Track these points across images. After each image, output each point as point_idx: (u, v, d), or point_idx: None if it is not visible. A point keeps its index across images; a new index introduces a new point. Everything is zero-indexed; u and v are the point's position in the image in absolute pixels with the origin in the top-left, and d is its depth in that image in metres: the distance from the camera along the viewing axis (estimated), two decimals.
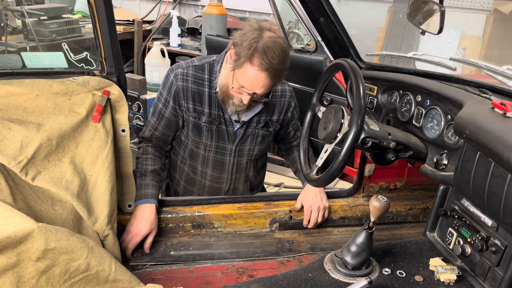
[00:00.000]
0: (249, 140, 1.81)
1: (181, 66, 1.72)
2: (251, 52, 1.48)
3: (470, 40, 3.93)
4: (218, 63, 1.71)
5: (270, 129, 1.84)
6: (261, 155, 1.94)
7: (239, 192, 1.94)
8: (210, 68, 1.72)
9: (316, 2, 1.74)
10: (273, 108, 1.82)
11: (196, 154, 1.83)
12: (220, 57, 1.72)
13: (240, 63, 1.52)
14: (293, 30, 3.81)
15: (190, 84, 1.70)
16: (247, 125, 1.78)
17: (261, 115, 1.80)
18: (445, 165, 1.39)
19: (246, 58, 1.50)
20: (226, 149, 1.80)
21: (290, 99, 1.86)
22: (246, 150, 1.83)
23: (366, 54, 2.33)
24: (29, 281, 1.13)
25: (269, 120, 1.82)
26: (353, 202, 1.88)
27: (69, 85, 1.37)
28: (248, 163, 1.88)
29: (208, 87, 1.71)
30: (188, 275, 1.49)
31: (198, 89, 1.71)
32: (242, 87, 1.56)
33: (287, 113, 1.87)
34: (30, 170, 1.27)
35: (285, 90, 1.85)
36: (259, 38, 1.50)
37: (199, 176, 1.88)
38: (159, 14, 5.01)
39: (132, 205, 1.63)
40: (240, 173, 1.89)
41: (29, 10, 3.45)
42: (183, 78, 1.70)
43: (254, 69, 1.50)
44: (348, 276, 1.29)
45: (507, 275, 1.15)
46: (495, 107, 1.21)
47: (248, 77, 1.53)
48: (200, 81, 1.71)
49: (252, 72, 1.51)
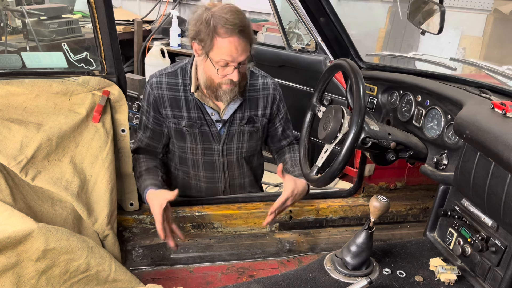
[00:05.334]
0: (235, 138, 1.79)
1: (155, 76, 1.73)
2: (212, 27, 1.50)
3: (470, 40, 3.93)
4: (189, 64, 1.71)
5: (257, 125, 1.81)
6: (252, 152, 1.89)
7: (238, 190, 1.92)
8: (183, 72, 1.72)
9: (316, 2, 1.74)
10: (256, 102, 1.79)
11: (185, 159, 1.81)
12: (190, 59, 1.73)
13: (208, 44, 1.52)
14: (293, 30, 3.81)
15: (165, 91, 1.70)
16: (230, 123, 1.76)
17: (244, 111, 1.77)
18: (445, 165, 1.39)
19: (211, 36, 1.50)
20: (213, 150, 1.78)
21: (274, 92, 1.82)
22: (234, 148, 1.81)
23: (366, 54, 2.33)
24: (29, 281, 1.13)
25: (254, 116, 1.79)
26: (353, 202, 1.88)
27: (69, 85, 1.37)
28: (239, 160, 1.85)
29: (184, 91, 1.71)
30: (188, 275, 1.49)
31: (174, 94, 1.71)
32: (225, 63, 1.55)
33: (273, 106, 1.82)
34: (30, 170, 1.27)
35: (267, 83, 1.81)
36: (210, 13, 1.51)
37: (193, 180, 1.86)
38: (159, 14, 5.00)
39: (134, 203, 1.63)
40: (233, 171, 1.86)
41: (29, 10, 3.44)
42: (158, 86, 1.70)
43: (224, 38, 1.51)
44: (348, 276, 1.29)
45: (507, 275, 1.15)
46: (495, 107, 1.21)
47: (224, 49, 1.52)
48: (174, 86, 1.71)
49: (225, 42, 1.51)
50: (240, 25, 1.51)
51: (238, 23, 1.50)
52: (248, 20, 1.57)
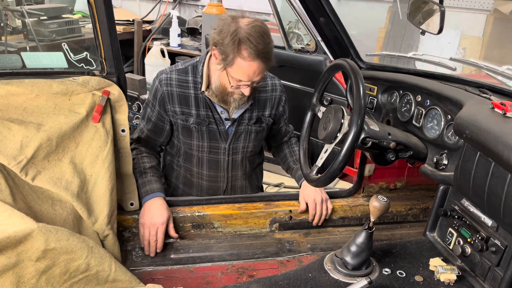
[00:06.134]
0: (242, 137, 1.82)
1: (165, 72, 1.75)
2: (237, 46, 1.50)
3: (470, 40, 3.93)
4: (201, 63, 1.73)
5: (263, 125, 1.85)
6: (256, 152, 1.94)
7: (238, 190, 1.94)
8: (194, 70, 1.73)
9: (316, 2, 1.74)
10: (265, 103, 1.83)
11: (190, 155, 1.83)
12: (202, 57, 1.74)
13: (229, 60, 1.53)
14: (293, 30, 3.81)
15: (175, 88, 1.72)
16: (238, 123, 1.78)
17: (253, 111, 1.80)
18: (445, 165, 1.39)
19: (234, 54, 1.51)
20: (220, 148, 1.80)
21: (281, 93, 1.88)
22: (240, 148, 1.84)
23: (366, 54, 2.34)
24: (29, 281, 1.13)
25: (262, 116, 1.83)
26: (353, 202, 1.88)
27: (69, 85, 1.37)
28: (243, 160, 1.88)
29: (194, 88, 1.72)
30: (188, 275, 1.49)
31: (184, 91, 1.72)
32: (240, 81, 1.57)
33: (279, 107, 1.88)
34: (30, 170, 1.26)
35: (275, 85, 1.86)
36: (238, 29, 1.51)
37: (195, 178, 1.88)
38: (159, 14, 5.01)
39: (134, 203, 1.63)
40: (237, 171, 1.89)
41: (29, 10, 3.45)
42: (167, 83, 1.71)
43: (245, 60, 1.52)
44: (348, 276, 1.29)
45: (507, 275, 1.15)
46: (495, 107, 1.21)
47: (243, 70, 1.54)
48: (184, 83, 1.72)
49: (245, 64, 1.52)
50: (264, 51, 1.52)
51: (262, 49, 1.51)
52: (272, 43, 1.58)
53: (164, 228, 1.57)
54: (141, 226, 1.57)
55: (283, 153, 2.00)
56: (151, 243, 1.56)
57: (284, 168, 2.03)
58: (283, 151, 2.00)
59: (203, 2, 5.03)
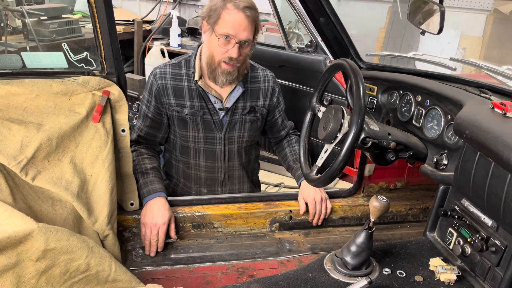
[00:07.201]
0: (237, 127, 1.84)
1: (159, 67, 1.81)
2: (222, 3, 1.58)
3: (470, 40, 3.93)
4: (193, 56, 1.79)
5: (257, 115, 1.87)
6: (252, 142, 1.95)
7: (236, 181, 1.96)
8: (187, 63, 1.79)
9: (316, 2, 1.74)
10: (257, 94, 1.86)
11: (187, 148, 1.86)
12: (194, 52, 1.81)
13: (216, 18, 1.60)
14: (293, 30, 3.81)
15: (169, 81, 1.77)
16: (232, 112, 1.81)
17: (246, 101, 1.83)
18: (445, 165, 1.39)
19: (220, 10, 1.59)
20: (216, 138, 1.83)
21: (273, 84, 1.91)
22: (235, 137, 1.86)
23: (366, 54, 2.33)
24: (29, 281, 1.13)
25: (255, 106, 1.86)
26: (353, 202, 1.88)
27: (69, 85, 1.37)
28: (239, 150, 1.90)
29: (187, 81, 1.77)
30: (188, 275, 1.49)
31: (177, 84, 1.77)
32: (227, 37, 1.61)
33: (272, 98, 1.91)
34: (30, 170, 1.26)
35: (267, 76, 1.90)
36: None
37: (193, 170, 1.90)
38: (159, 14, 5.00)
39: (134, 203, 1.63)
40: (234, 161, 1.91)
41: (29, 10, 3.44)
42: (162, 76, 1.77)
43: (230, 12, 1.58)
44: (348, 276, 1.29)
45: (507, 275, 1.15)
46: (495, 107, 1.21)
47: (228, 22, 1.59)
48: (178, 76, 1.78)
49: (230, 16, 1.58)
50: (248, 5, 1.59)
51: (247, 3, 1.59)
52: (257, 9, 1.65)
53: (165, 228, 1.58)
54: (142, 226, 1.58)
55: (283, 152, 2.01)
56: (152, 242, 1.56)
57: (285, 167, 2.04)
58: (283, 150, 2.01)
59: (203, 2, 5.03)
